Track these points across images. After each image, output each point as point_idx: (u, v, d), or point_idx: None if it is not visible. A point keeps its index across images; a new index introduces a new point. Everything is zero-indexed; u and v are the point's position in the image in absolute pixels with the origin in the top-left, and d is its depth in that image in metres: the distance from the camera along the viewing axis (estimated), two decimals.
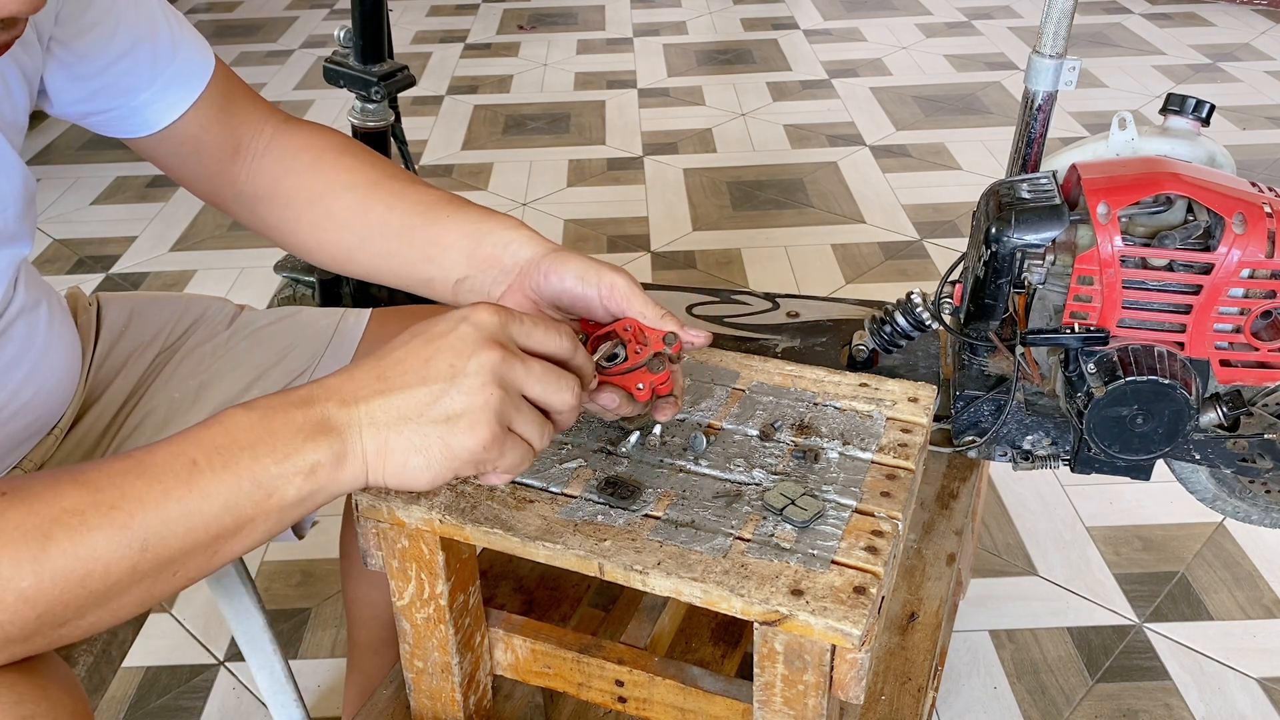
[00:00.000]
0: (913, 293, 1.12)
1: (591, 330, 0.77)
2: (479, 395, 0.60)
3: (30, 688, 0.56)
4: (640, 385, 0.74)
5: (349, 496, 1.07)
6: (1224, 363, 0.94)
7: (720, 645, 0.91)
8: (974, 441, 1.08)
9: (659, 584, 0.66)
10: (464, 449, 0.60)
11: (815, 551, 0.66)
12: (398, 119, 1.66)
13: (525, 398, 0.63)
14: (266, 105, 0.91)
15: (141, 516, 0.55)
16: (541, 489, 0.73)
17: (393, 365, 0.61)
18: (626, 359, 0.74)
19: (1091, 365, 0.93)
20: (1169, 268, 0.92)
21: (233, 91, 0.88)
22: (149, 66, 0.82)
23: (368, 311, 1.03)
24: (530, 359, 0.63)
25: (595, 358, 0.73)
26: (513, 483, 0.73)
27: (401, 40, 3.92)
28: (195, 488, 0.56)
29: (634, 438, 0.77)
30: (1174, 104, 1.02)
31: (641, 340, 0.74)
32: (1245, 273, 0.90)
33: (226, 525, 0.57)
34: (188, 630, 1.52)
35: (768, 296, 1.34)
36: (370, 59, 1.57)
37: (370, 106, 1.61)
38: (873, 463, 0.74)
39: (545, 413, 0.65)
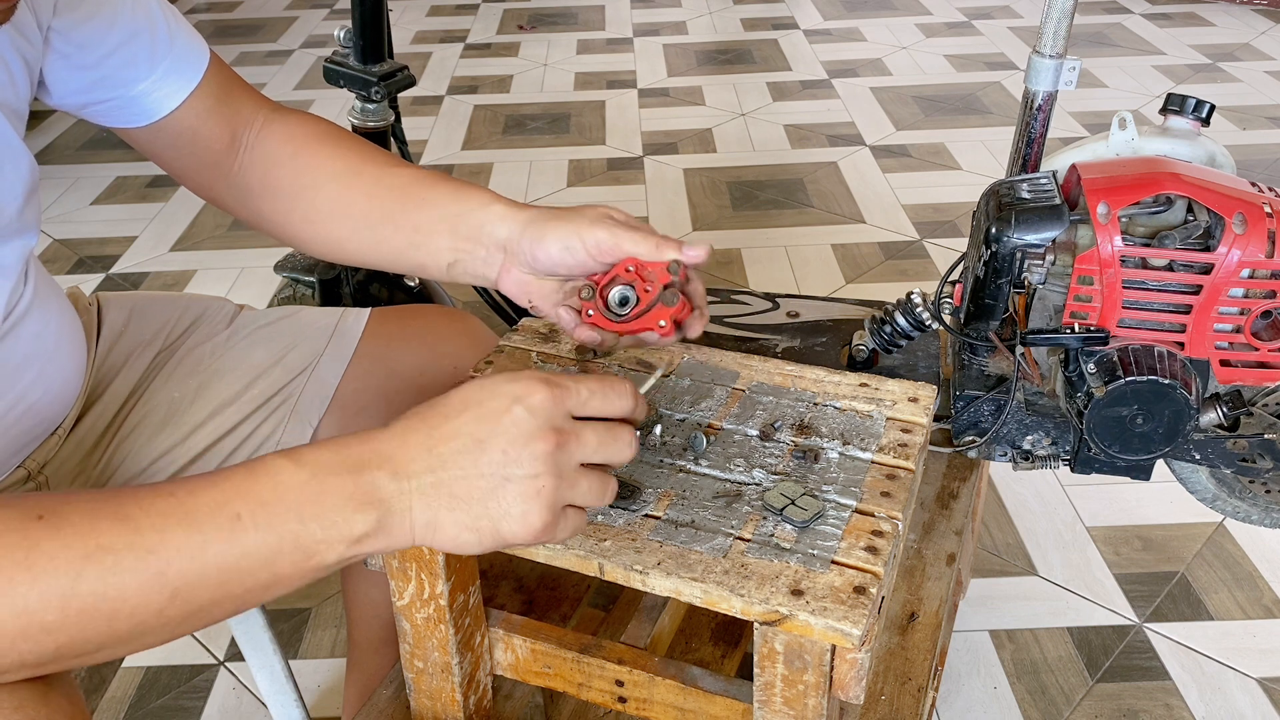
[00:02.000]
0: (913, 293, 1.12)
1: (599, 281, 0.77)
2: (531, 488, 0.59)
3: (30, 693, 0.56)
4: (662, 322, 0.74)
5: None
6: (1224, 363, 0.94)
7: (720, 645, 0.91)
8: (974, 441, 1.08)
9: (659, 584, 0.65)
10: (516, 536, 0.60)
11: (815, 551, 0.66)
12: (398, 119, 1.66)
13: (584, 467, 0.62)
14: (259, 96, 0.92)
15: (178, 566, 0.54)
16: None
17: (445, 440, 0.60)
18: (639, 301, 0.74)
19: (1091, 365, 0.93)
20: (1169, 268, 0.92)
21: (228, 82, 0.89)
22: (147, 56, 0.83)
23: (367, 311, 1.03)
24: (584, 429, 0.62)
25: (609, 305, 0.73)
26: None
27: (401, 40, 3.92)
28: (236, 544, 0.55)
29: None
30: (1174, 104, 1.02)
31: (647, 277, 0.74)
32: (1245, 273, 0.90)
33: (261, 580, 0.56)
34: None
35: (768, 296, 1.34)
36: (370, 59, 1.57)
37: (370, 106, 1.61)
38: (873, 463, 0.74)
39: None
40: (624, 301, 0.75)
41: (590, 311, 0.78)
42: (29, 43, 0.76)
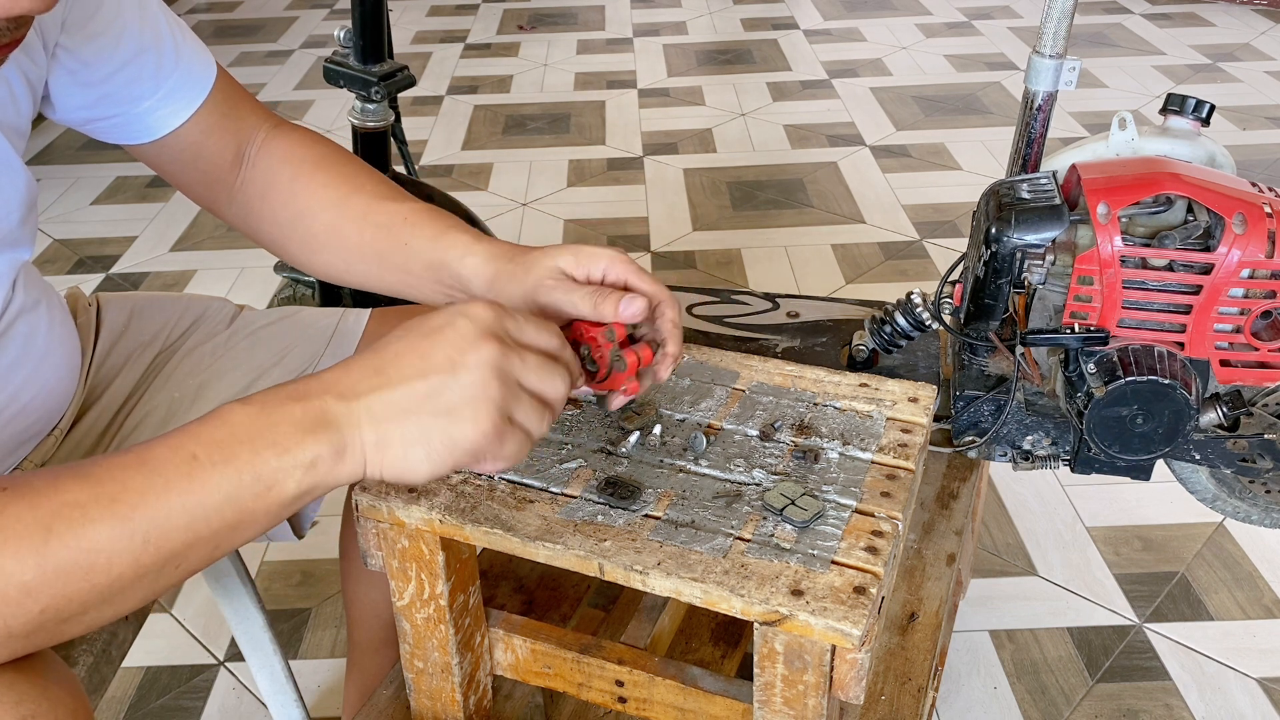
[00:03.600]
0: (913, 293, 1.12)
1: (572, 333, 0.76)
2: (479, 387, 0.60)
3: (30, 687, 0.56)
4: (624, 387, 0.73)
5: (349, 497, 1.07)
6: (1224, 363, 0.94)
7: (720, 645, 0.91)
8: (974, 441, 1.08)
9: (659, 584, 0.66)
10: (466, 439, 0.60)
11: (815, 551, 0.66)
12: (398, 119, 1.66)
13: (523, 388, 0.63)
14: (261, 109, 0.92)
15: (143, 510, 0.55)
16: (541, 489, 0.73)
17: (390, 360, 0.61)
18: (597, 367, 0.73)
19: (1091, 365, 0.93)
20: (1169, 268, 0.92)
21: (233, 97, 0.88)
22: (153, 74, 0.82)
23: (367, 311, 1.03)
24: (526, 351, 0.63)
25: (582, 362, 0.73)
26: (512, 483, 0.73)
27: (401, 40, 3.92)
28: (196, 481, 0.56)
29: (634, 438, 0.77)
30: (1174, 104, 1.02)
31: (596, 341, 0.73)
32: (1245, 273, 0.90)
33: (227, 518, 0.57)
34: (188, 630, 1.52)
35: (768, 296, 1.34)
36: (370, 59, 1.57)
37: (370, 106, 1.61)
38: (873, 463, 0.74)
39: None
40: (591, 362, 0.74)
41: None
42: (33, 61, 0.76)
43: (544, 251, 0.77)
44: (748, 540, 0.67)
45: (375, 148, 1.63)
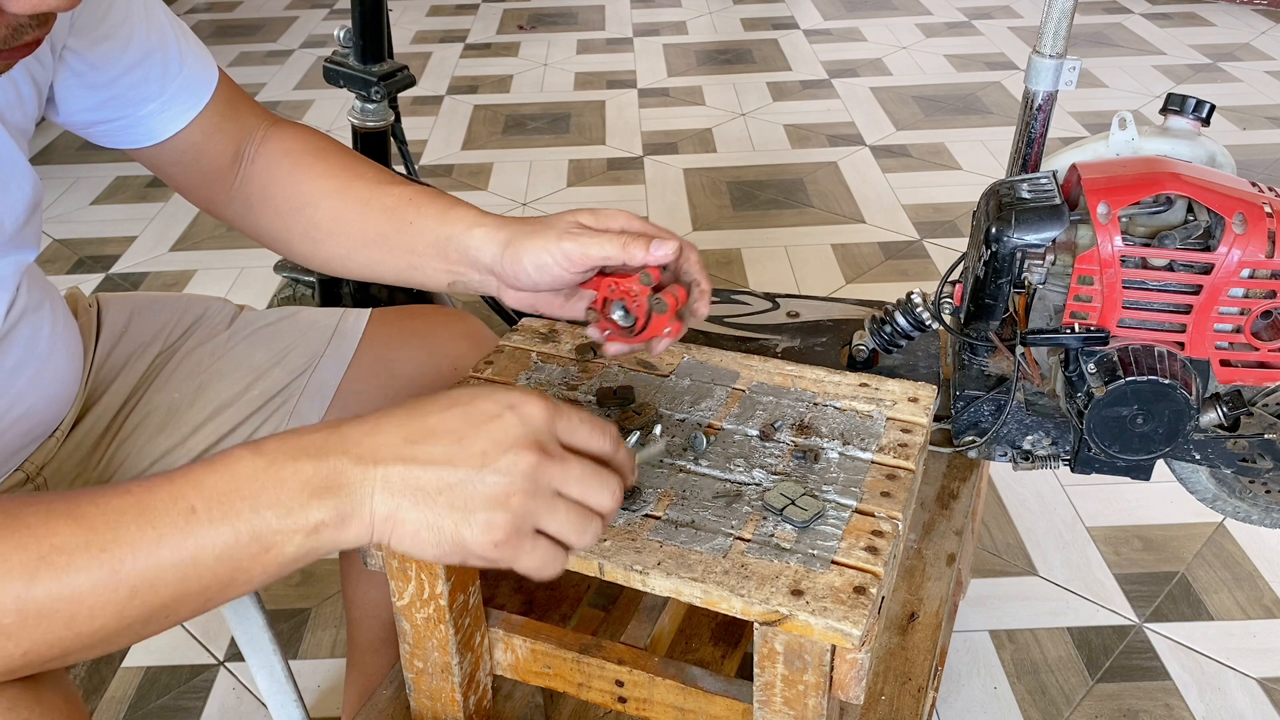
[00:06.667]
0: (913, 293, 1.12)
1: (596, 302, 0.78)
2: (501, 494, 0.57)
3: (24, 693, 0.55)
4: (666, 329, 0.75)
5: None
6: (1224, 363, 0.94)
7: (720, 645, 0.91)
8: (974, 441, 1.08)
9: (659, 584, 0.65)
10: (475, 543, 0.57)
11: (815, 551, 0.66)
12: (398, 119, 1.66)
13: (566, 496, 0.59)
14: (259, 108, 0.92)
15: (132, 562, 0.52)
16: None
17: (425, 433, 0.58)
18: (635, 317, 0.76)
19: (1091, 365, 0.93)
20: (1169, 268, 0.92)
21: (233, 98, 0.89)
22: (159, 77, 0.83)
23: (367, 311, 1.03)
24: (570, 458, 0.59)
25: (614, 319, 0.76)
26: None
27: (401, 40, 3.92)
28: (191, 536, 0.53)
29: (634, 438, 0.77)
30: (1174, 104, 1.02)
31: (631, 290, 0.75)
32: (1245, 273, 0.90)
33: (220, 576, 0.55)
34: (188, 630, 1.51)
35: (768, 296, 1.34)
36: (370, 59, 1.57)
37: (370, 106, 1.60)
38: (873, 463, 0.74)
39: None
40: (625, 314, 0.76)
41: (607, 331, 0.78)
42: (40, 63, 0.76)
43: (559, 214, 0.78)
44: (748, 540, 0.67)
45: (375, 148, 1.63)
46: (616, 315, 0.76)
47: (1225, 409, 0.95)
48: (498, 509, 0.57)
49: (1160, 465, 1.00)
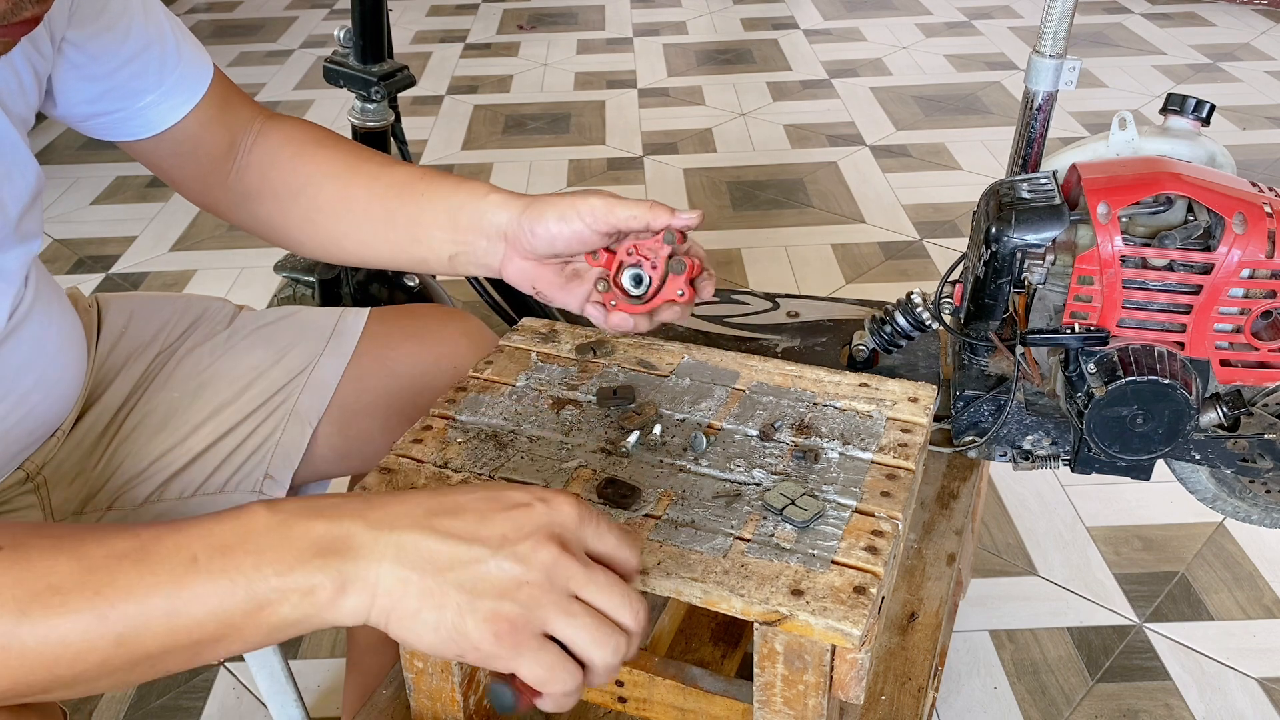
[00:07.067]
0: (913, 293, 1.12)
1: (608, 269, 0.80)
2: (510, 583, 0.54)
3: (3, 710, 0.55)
4: (680, 291, 0.78)
5: (351, 479, 1.07)
6: (1224, 363, 0.94)
7: (720, 645, 0.91)
8: (974, 441, 1.08)
9: (659, 584, 0.65)
10: (475, 632, 0.53)
11: (815, 551, 0.66)
12: (398, 119, 1.66)
13: (579, 600, 0.56)
14: (254, 103, 0.94)
15: (123, 607, 0.51)
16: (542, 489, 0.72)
17: (449, 508, 0.56)
18: (651, 280, 0.78)
19: (1091, 365, 0.93)
20: (1169, 268, 0.92)
21: (228, 91, 0.90)
22: (157, 70, 0.83)
23: (366, 311, 1.03)
24: (594, 566, 0.57)
25: (625, 286, 0.78)
26: (513, 483, 0.73)
27: (401, 40, 3.92)
28: (186, 588, 0.52)
29: (634, 438, 0.77)
30: (1174, 104, 1.02)
31: (648, 254, 0.78)
32: (1245, 273, 0.90)
33: (210, 631, 0.52)
34: None
35: (768, 296, 1.34)
36: (370, 59, 1.57)
37: (370, 106, 1.60)
38: (873, 463, 0.74)
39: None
40: (638, 281, 0.78)
41: (613, 301, 0.79)
42: (40, 53, 0.76)
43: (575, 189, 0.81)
44: (748, 540, 0.67)
45: (375, 148, 1.63)
46: (628, 280, 0.78)
47: (1225, 409, 0.95)
48: (505, 598, 0.54)
49: (1160, 465, 1.00)
